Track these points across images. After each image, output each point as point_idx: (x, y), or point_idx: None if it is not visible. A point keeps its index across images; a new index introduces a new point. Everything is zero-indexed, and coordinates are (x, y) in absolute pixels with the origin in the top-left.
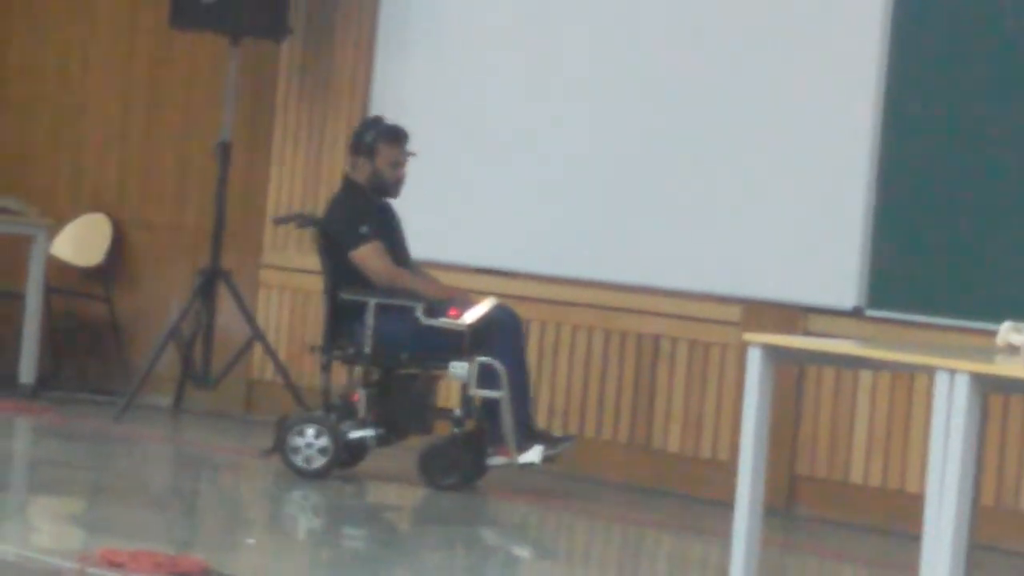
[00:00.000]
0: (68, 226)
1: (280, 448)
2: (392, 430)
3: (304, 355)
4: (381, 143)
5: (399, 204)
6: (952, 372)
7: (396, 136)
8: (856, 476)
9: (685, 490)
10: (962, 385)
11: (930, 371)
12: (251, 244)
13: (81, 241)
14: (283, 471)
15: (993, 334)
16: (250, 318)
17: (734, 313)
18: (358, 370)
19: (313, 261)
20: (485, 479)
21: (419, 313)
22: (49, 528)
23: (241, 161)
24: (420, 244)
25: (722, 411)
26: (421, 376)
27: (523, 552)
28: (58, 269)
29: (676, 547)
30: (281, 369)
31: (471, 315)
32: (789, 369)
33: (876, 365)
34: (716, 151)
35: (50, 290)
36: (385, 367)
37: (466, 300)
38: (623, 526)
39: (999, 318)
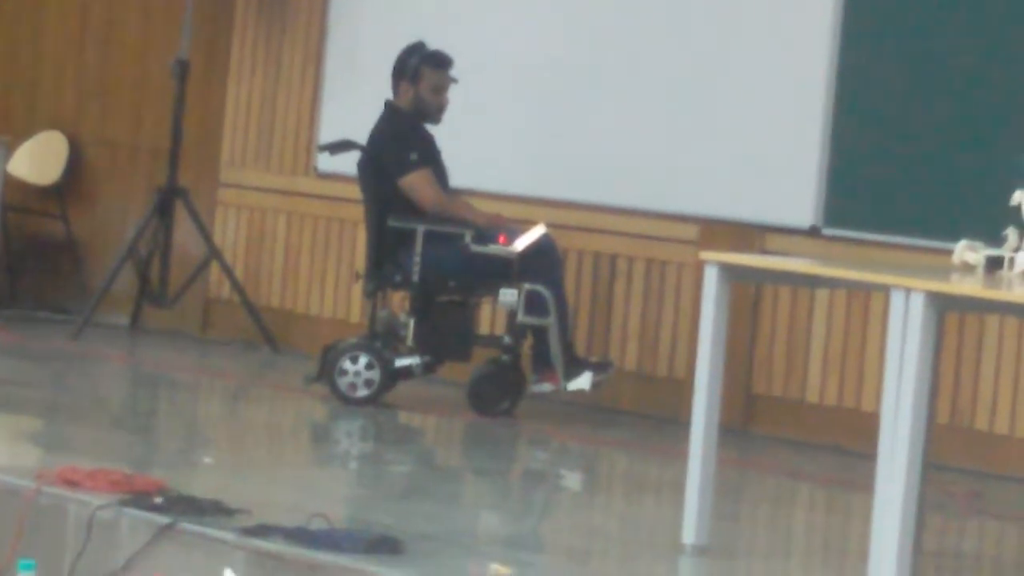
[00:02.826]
0: (24, 144)
1: (328, 375)
2: (433, 357)
3: (262, 274)
4: (425, 68)
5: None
6: (907, 290)
7: (440, 61)
8: (812, 395)
9: (642, 409)
10: (917, 303)
11: (886, 290)
12: (209, 163)
13: (38, 159)
14: (238, 391)
15: (949, 253)
16: (207, 237)
17: (691, 232)
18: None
19: (270, 180)
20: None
21: (468, 240)
22: (5, 447)
23: (199, 80)
24: None
25: (679, 330)
26: (463, 303)
27: (467, 472)
28: (14, 187)
29: (632, 466)
30: (238, 288)
31: (521, 242)
32: (745, 288)
33: (832, 284)
34: (674, 71)
35: (6, 208)
36: (432, 294)
37: (513, 227)
38: (580, 445)
39: (955, 237)
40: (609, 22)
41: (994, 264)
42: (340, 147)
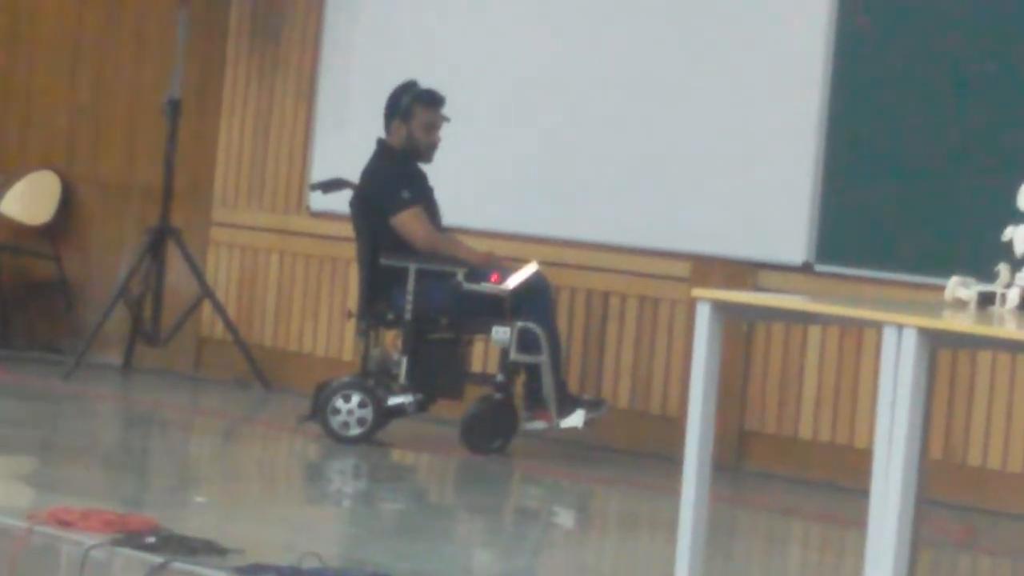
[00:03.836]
0: (17, 183)
1: (321, 414)
2: (426, 396)
3: (254, 313)
4: (417, 106)
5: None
6: (900, 327)
7: (432, 100)
8: (805, 431)
9: (634, 447)
10: (910, 340)
11: (878, 326)
12: (201, 202)
13: (30, 199)
14: (231, 429)
15: (941, 289)
16: (200, 276)
17: (683, 269)
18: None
19: (263, 219)
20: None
21: (460, 278)
22: None
23: (191, 118)
24: None
25: (671, 367)
26: (455, 341)
27: (460, 509)
28: (7, 227)
29: (625, 504)
30: (231, 327)
31: (513, 280)
32: (738, 325)
33: (824, 320)
34: (666, 108)
35: None
36: (425, 332)
37: (505, 265)
38: (572, 483)
39: (947, 273)
40: (601, 60)
41: (986, 300)
42: (332, 186)
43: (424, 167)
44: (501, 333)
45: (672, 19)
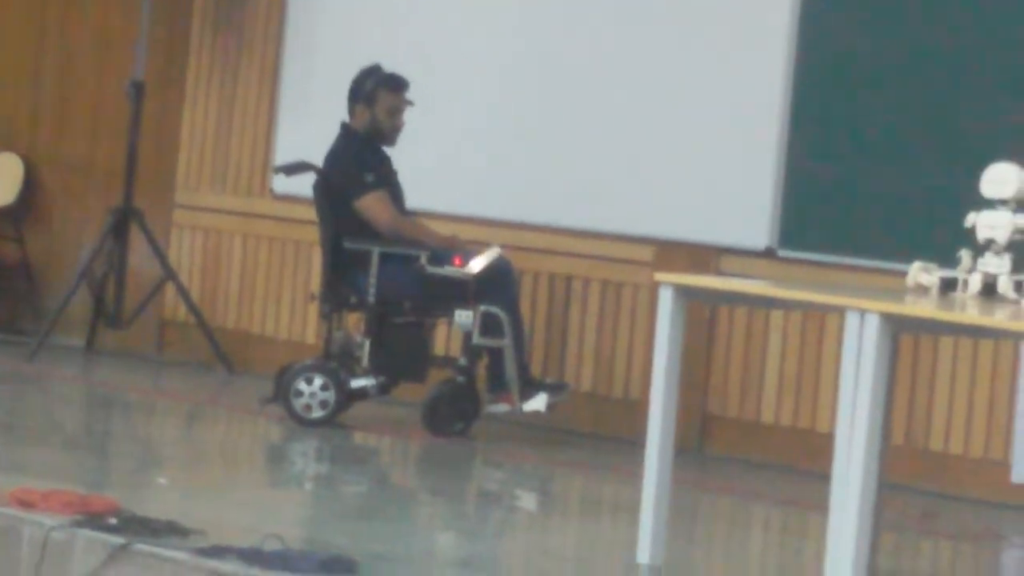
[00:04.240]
0: None
1: (283, 396)
2: (388, 378)
3: (217, 295)
4: (381, 90)
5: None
6: (862, 312)
7: (396, 84)
8: (767, 416)
9: (597, 430)
10: (872, 325)
11: (840, 311)
12: (164, 184)
13: None
14: (194, 411)
15: (903, 275)
16: (162, 258)
17: (646, 253)
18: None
19: (226, 202)
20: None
21: (424, 262)
22: None
23: (154, 101)
24: None
25: (634, 351)
26: (418, 324)
27: (422, 492)
28: None
29: (587, 487)
30: (193, 309)
31: (476, 264)
32: (701, 309)
33: (787, 305)
34: (629, 93)
35: None
36: (388, 316)
37: (469, 249)
38: (535, 466)
39: (909, 259)
40: (564, 44)
41: (948, 286)
42: (296, 169)
43: (388, 150)
44: (464, 316)
45: (636, 5)
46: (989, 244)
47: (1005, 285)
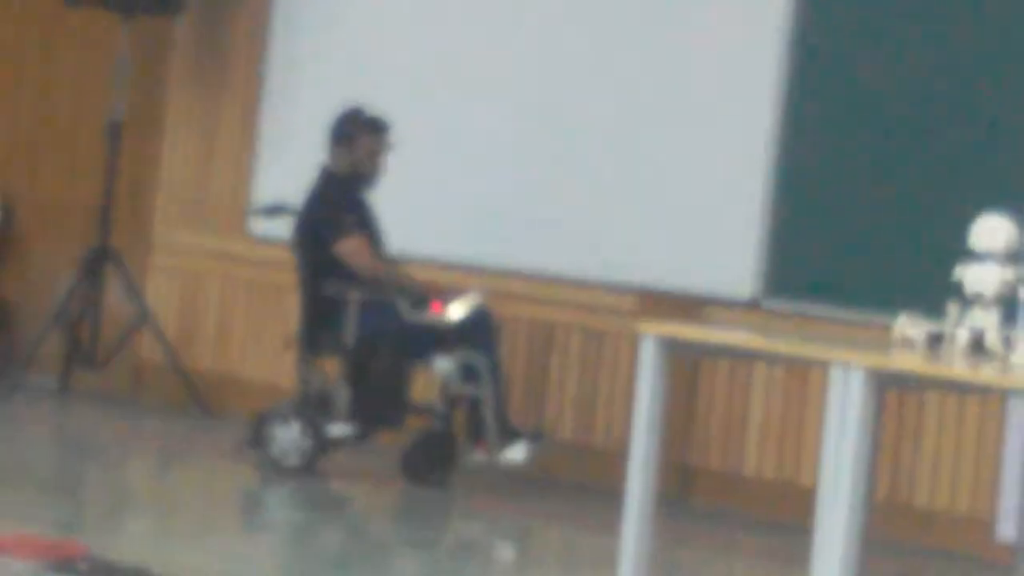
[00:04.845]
0: None
1: (260, 442)
2: (366, 424)
3: (194, 337)
4: (361, 133)
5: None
6: (847, 365)
7: (377, 126)
8: (749, 469)
9: (577, 480)
10: (857, 379)
11: (825, 364)
12: (141, 224)
13: None
14: (168, 455)
15: (890, 328)
16: (139, 299)
17: (629, 302)
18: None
19: (204, 243)
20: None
21: (402, 308)
22: None
23: (133, 140)
24: None
25: (615, 401)
26: (396, 371)
27: (398, 543)
28: None
29: (567, 538)
30: (169, 351)
31: (455, 311)
32: (684, 360)
33: (771, 358)
34: (614, 140)
35: None
36: (366, 362)
37: (448, 295)
38: (513, 516)
39: (896, 311)
40: (547, 90)
41: (935, 340)
42: (274, 211)
43: (368, 193)
44: (443, 364)
45: (621, 51)
46: (977, 298)
47: (993, 340)
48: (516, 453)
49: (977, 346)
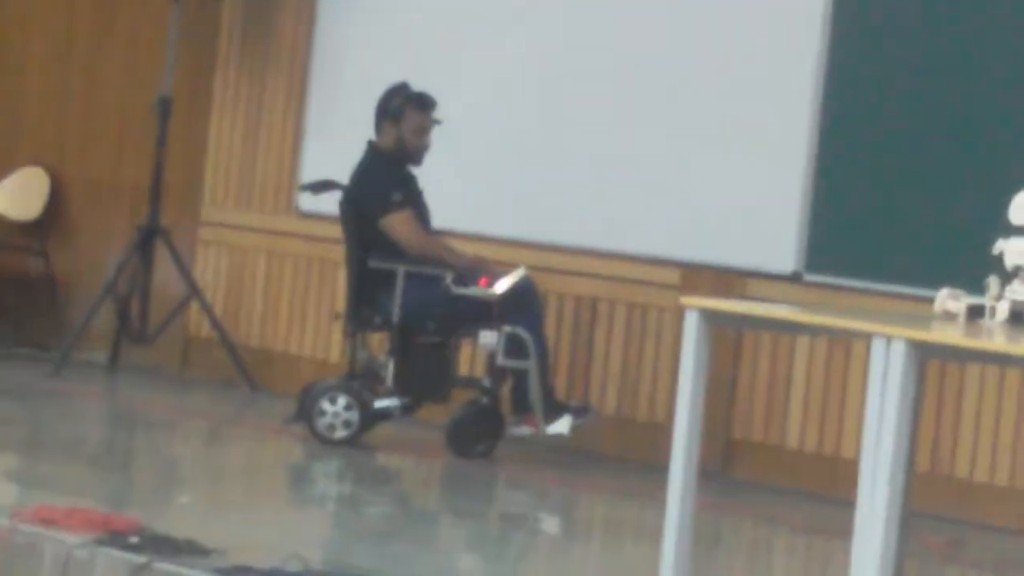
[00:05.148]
0: (5, 180)
1: (307, 415)
2: (412, 399)
3: (241, 313)
4: (408, 109)
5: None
6: (888, 338)
7: (423, 103)
8: (792, 441)
9: (621, 453)
10: (898, 351)
11: (867, 337)
12: (190, 201)
13: (18, 195)
14: (216, 430)
15: (931, 300)
16: (187, 275)
17: (672, 276)
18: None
19: (251, 219)
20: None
21: (449, 282)
22: None
23: (181, 118)
24: None
25: (659, 375)
26: (442, 344)
27: (444, 514)
28: None
29: (611, 511)
30: (218, 326)
31: (501, 285)
32: (727, 333)
33: (813, 330)
34: (656, 115)
35: None
36: (412, 336)
37: (494, 269)
38: (557, 489)
39: (937, 285)
40: (592, 66)
41: (976, 313)
42: (322, 187)
43: (414, 169)
44: (488, 337)
45: (665, 25)
46: (1017, 271)
47: None
48: (561, 426)
49: (1017, 319)
